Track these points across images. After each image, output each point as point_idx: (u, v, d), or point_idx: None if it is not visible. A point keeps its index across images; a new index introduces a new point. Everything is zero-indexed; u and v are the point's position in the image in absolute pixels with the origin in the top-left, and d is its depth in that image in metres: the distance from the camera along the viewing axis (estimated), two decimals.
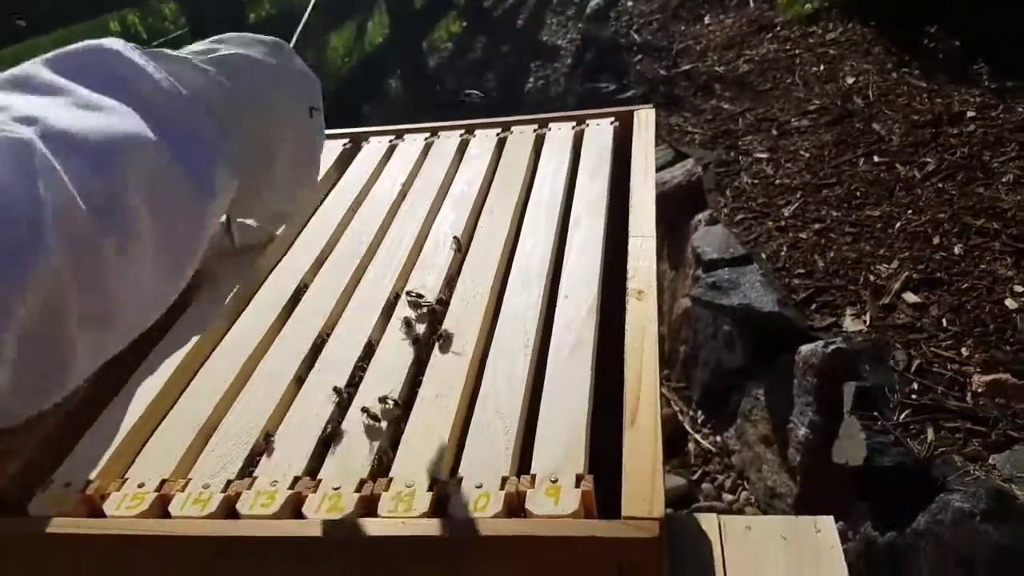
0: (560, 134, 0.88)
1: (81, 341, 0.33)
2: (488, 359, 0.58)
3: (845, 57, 2.66)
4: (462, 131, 0.93)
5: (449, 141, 0.91)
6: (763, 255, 1.75)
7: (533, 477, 0.48)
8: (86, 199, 0.33)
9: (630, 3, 3.75)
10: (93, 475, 0.51)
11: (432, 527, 0.45)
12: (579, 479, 0.47)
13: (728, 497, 1.65)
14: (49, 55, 0.40)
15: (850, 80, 2.51)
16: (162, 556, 0.48)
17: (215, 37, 0.51)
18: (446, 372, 0.57)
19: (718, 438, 1.74)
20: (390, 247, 0.74)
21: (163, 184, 0.38)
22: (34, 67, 0.39)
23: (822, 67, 2.65)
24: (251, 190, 0.51)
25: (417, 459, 0.50)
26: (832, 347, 1.43)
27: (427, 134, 0.93)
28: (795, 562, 0.87)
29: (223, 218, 0.63)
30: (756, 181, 2.05)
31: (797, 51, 2.82)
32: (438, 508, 0.47)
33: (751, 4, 3.31)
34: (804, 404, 1.45)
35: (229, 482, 0.50)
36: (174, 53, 0.45)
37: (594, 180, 0.78)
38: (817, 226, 1.83)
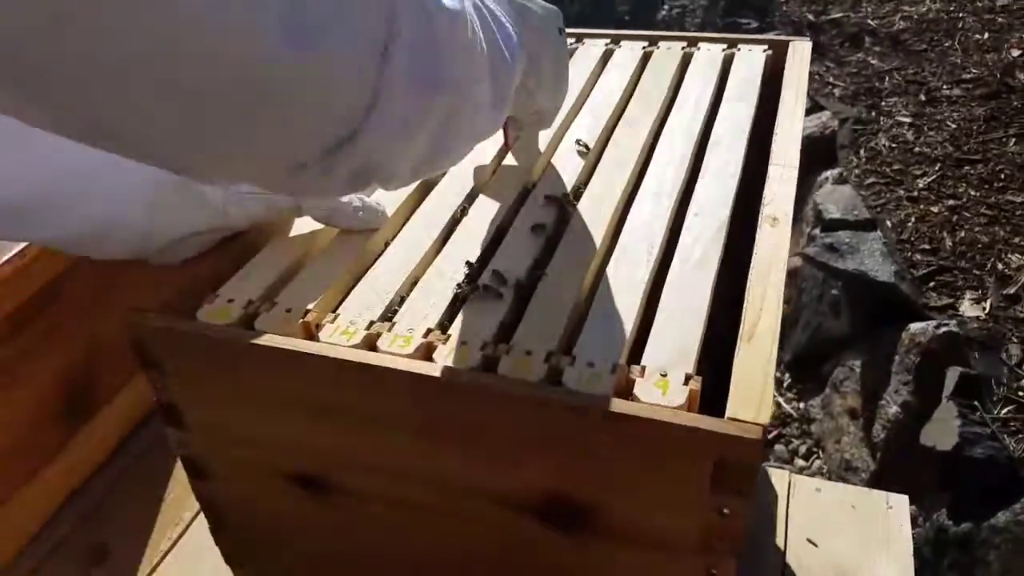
0: (709, 55, 0.86)
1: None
2: (611, 258, 0.60)
3: (1014, 27, 2.43)
4: (607, 40, 0.92)
5: (594, 49, 0.91)
6: (888, 223, 1.67)
7: (643, 368, 0.50)
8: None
9: None
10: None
11: (548, 392, 0.48)
12: (688, 378, 0.49)
13: (800, 463, 1.64)
14: None
15: (1015, 53, 2.30)
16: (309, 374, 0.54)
17: None
18: (570, 264, 0.60)
19: (801, 404, 1.72)
20: (522, 149, 0.76)
21: (497, 48, 0.48)
22: None
23: (986, 35, 2.44)
24: (525, 87, 0.60)
25: (537, 333, 0.54)
26: (944, 329, 1.38)
27: (572, 40, 0.93)
28: (860, 532, 0.85)
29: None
30: (894, 145, 1.94)
31: (962, 14, 2.59)
32: (552, 377, 0.50)
33: None
34: (901, 382, 1.42)
35: (372, 322, 0.55)
36: None
37: (740, 104, 0.77)
38: (951, 202, 1.73)
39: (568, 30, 0.95)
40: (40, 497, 0.85)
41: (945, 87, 2.20)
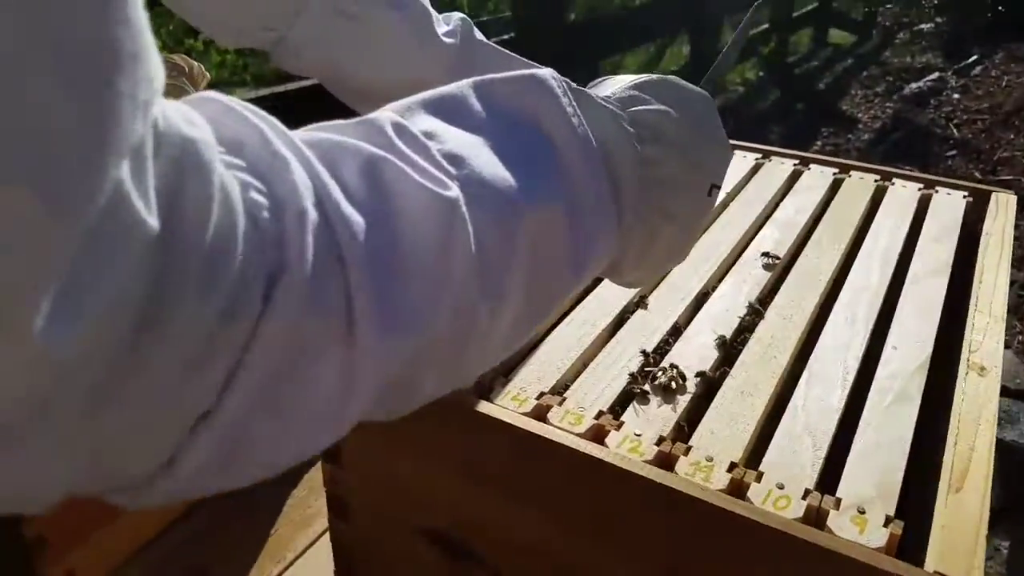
0: (905, 192, 0.84)
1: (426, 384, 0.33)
2: (801, 378, 0.58)
3: None
4: (796, 161, 0.92)
5: (781, 167, 0.91)
6: None
7: (838, 500, 0.47)
8: (479, 260, 0.31)
9: (956, 95, 3.45)
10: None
11: (735, 505, 0.46)
12: (888, 519, 0.45)
13: None
14: (479, 81, 0.37)
15: None
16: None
17: (639, 79, 0.44)
18: (754, 374, 0.58)
19: None
20: (704, 251, 0.75)
21: (545, 250, 0.35)
22: (463, 92, 0.36)
23: None
24: (615, 264, 0.44)
25: (717, 439, 0.51)
26: None
27: (759, 155, 0.94)
28: None
29: None
30: None
31: None
32: (735, 490, 0.47)
33: None
34: None
35: (542, 393, 0.55)
36: (594, 95, 0.40)
37: (938, 246, 0.74)
38: None
39: (755, 146, 0.96)
40: (141, 520, 0.86)
41: None
